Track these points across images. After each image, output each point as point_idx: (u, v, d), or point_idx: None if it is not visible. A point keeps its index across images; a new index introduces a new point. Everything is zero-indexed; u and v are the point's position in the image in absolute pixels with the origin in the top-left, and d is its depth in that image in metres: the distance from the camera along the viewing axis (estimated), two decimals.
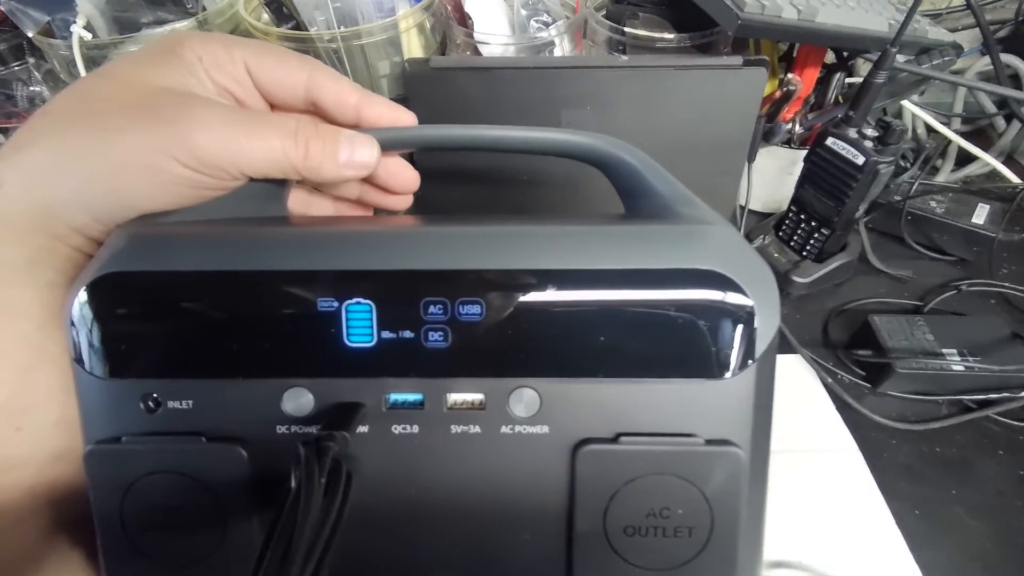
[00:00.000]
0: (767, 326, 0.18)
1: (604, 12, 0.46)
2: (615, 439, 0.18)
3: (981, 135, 0.58)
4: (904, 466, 0.36)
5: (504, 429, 0.18)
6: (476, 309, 0.18)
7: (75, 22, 0.40)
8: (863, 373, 0.41)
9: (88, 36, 0.41)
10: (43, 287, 0.19)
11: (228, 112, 0.20)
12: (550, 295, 0.18)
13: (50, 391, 0.19)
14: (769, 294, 0.18)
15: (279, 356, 0.18)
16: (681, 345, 0.18)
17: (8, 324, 0.18)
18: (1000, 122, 0.55)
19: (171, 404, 0.18)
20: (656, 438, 0.18)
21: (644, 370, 0.18)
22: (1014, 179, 0.48)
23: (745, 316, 0.18)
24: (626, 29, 0.44)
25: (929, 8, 0.57)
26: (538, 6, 0.48)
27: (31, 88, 0.48)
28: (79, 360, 0.18)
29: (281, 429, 0.18)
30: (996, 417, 0.37)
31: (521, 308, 0.18)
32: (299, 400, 0.18)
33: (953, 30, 0.57)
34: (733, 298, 0.17)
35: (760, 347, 0.18)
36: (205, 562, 0.19)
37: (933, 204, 0.49)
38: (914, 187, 0.49)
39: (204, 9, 0.45)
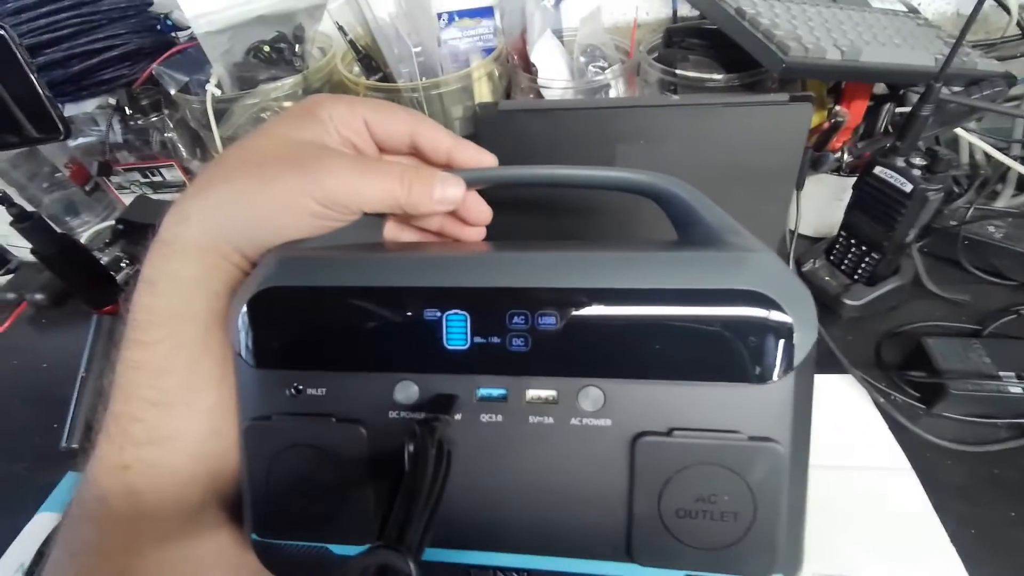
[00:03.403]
0: (805, 339, 0.21)
1: (656, 55, 0.50)
2: (669, 433, 0.21)
3: None
4: (960, 487, 0.37)
5: (573, 421, 0.22)
6: (552, 320, 0.22)
7: (208, 81, 0.48)
8: (917, 395, 0.41)
9: (218, 92, 0.49)
10: (211, 296, 0.24)
11: (351, 161, 0.25)
12: (614, 309, 0.21)
13: (210, 380, 0.24)
14: (806, 312, 0.21)
15: (393, 354, 0.23)
16: (727, 354, 0.21)
17: (184, 325, 0.23)
18: None
19: (310, 391, 0.23)
20: (705, 433, 0.21)
21: (695, 374, 0.21)
22: None
23: (785, 331, 0.20)
24: (677, 71, 0.47)
25: (983, 38, 0.57)
26: (595, 52, 0.52)
27: (165, 135, 0.57)
28: (241, 355, 0.23)
29: (392, 414, 0.23)
30: None
31: (590, 320, 0.21)
32: (408, 391, 0.23)
33: (1011, 57, 0.58)
34: (774, 315, 0.20)
35: (798, 358, 0.21)
36: (328, 518, 0.23)
37: (991, 229, 0.49)
38: (970, 212, 0.49)
39: (307, 66, 0.53)
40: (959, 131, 0.52)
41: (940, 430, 0.39)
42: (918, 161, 0.42)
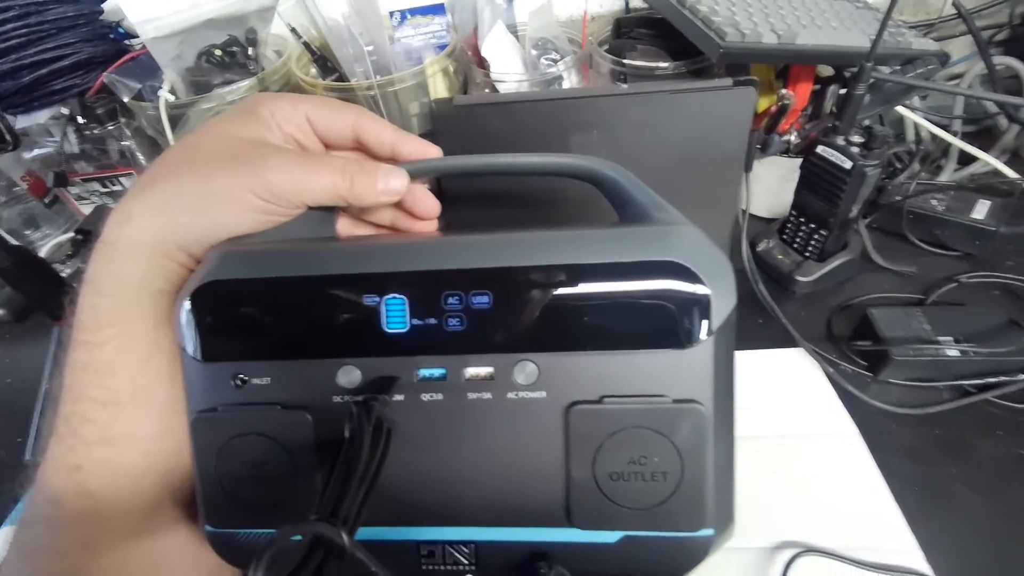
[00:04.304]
0: (723, 306, 0.22)
1: (607, 47, 0.51)
2: (600, 400, 0.22)
3: (987, 134, 0.59)
4: (905, 448, 0.38)
5: (510, 395, 0.23)
6: (485, 299, 0.22)
7: (162, 88, 0.48)
8: (864, 363, 0.43)
9: (172, 98, 0.49)
10: (157, 294, 0.24)
11: (292, 156, 0.26)
12: (545, 285, 0.22)
13: (161, 377, 0.24)
14: (724, 280, 0.22)
15: (335, 341, 0.23)
16: (650, 322, 0.22)
17: (131, 324, 0.24)
18: (1004, 121, 0.57)
19: (254, 381, 0.24)
20: (633, 398, 0.22)
21: (622, 343, 0.22)
22: (1013, 175, 0.49)
23: (703, 298, 0.22)
24: (626, 61, 0.49)
25: (922, 19, 0.59)
26: (547, 45, 0.53)
27: (122, 143, 0.57)
28: (186, 349, 0.24)
29: (337, 398, 0.23)
30: (995, 400, 0.39)
31: (522, 296, 0.22)
32: (350, 375, 0.23)
33: (949, 37, 0.60)
34: (692, 284, 0.22)
35: (717, 323, 0.22)
36: (279, 504, 0.24)
37: (934, 202, 0.51)
38: (912, 187, 0.51)
39: (263, 69, 0.53)
40: (901, 109, 0.54)
41: (886, 396, 0.41)
42: (856, 139, 0.43)
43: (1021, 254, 0.49)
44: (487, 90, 0.54)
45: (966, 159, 0.56)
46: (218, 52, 0.52)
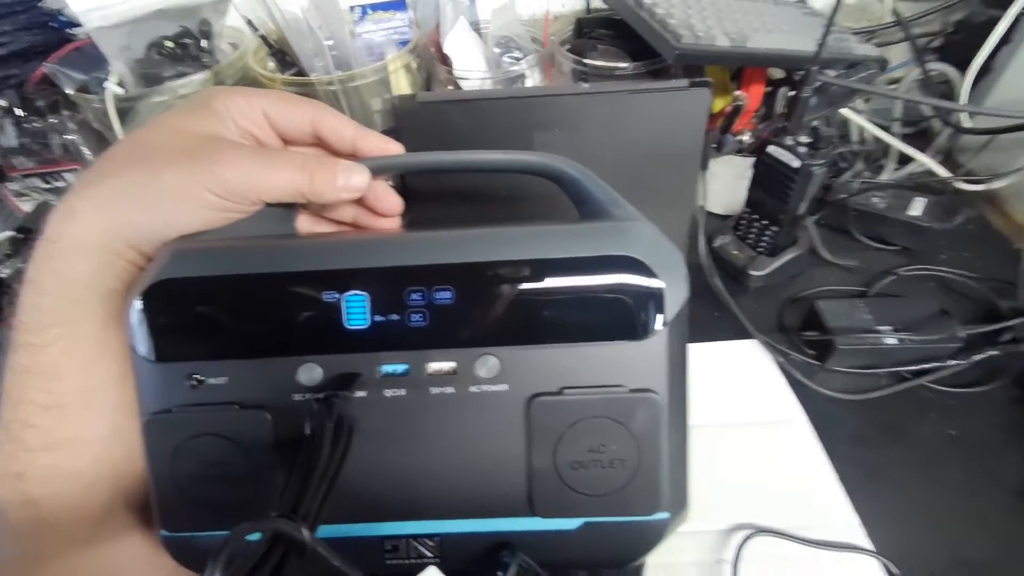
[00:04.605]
0: (675, 299, 0.23)
1: (568, 46, 0.52)
2: (560, 392, 0.23)
3: (923, 136, 0.63)
4: (848, 433, 0.41)
5: (472, 388, 0.23)
6: (448, 295, 0.23)
7: (108, 80, 0.46)
8: (812, 352, 0.45)
9: (120, 91, 0.47)
10: (105, 294, 0.23)
11: (249, 151, 0.25)
12: (506, 280, 0.22)
13: (111, 379, 0.23)
14: (677, 274, 0.23)
15: (294, 339, 0.23)
16: (607, 315, 0.23)
17: (77, 325, 0.23)
18: (938, 123, 0.61)
19: (211, 381, 0.23)
20: (591, 389, 0.23)
21: (581, 336, 0.23)
22: (945, 175, 0.53)
23: (656, 291, 0.22)
24: (587, 60, 0.50)
25: (865, 26, 0.62)
26: (510, 44, 0.54)
27: (65, 137, 0.54)
28: (138, 349, 0.23)
29: (297, 396, 0.23)
30: (929, 385, 0.42)
31: (484, 291, 0.23)
32: (311, 373, 0.23)
33: (889, 44, 0.63)
34: (646, 278, 0.22)
35: (670, 314, 0.23)
36: (239, 505, 0.23)
37: (876, 200, 0.54)
38: (856, 185, 0.54)
39: (218, 62, 0.52)
40: (845, 111, 0.57)
41: (831, 383, 0.43)
42: (804, 139, 0.45)
43: (952, 248, 0.53)
44: (450, 87, 0.54)
45: (905, 159, 0.59)
46: (169, 44, 0.50)
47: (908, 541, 0.35)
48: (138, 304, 0.23)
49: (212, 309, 0.23)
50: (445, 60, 0.53)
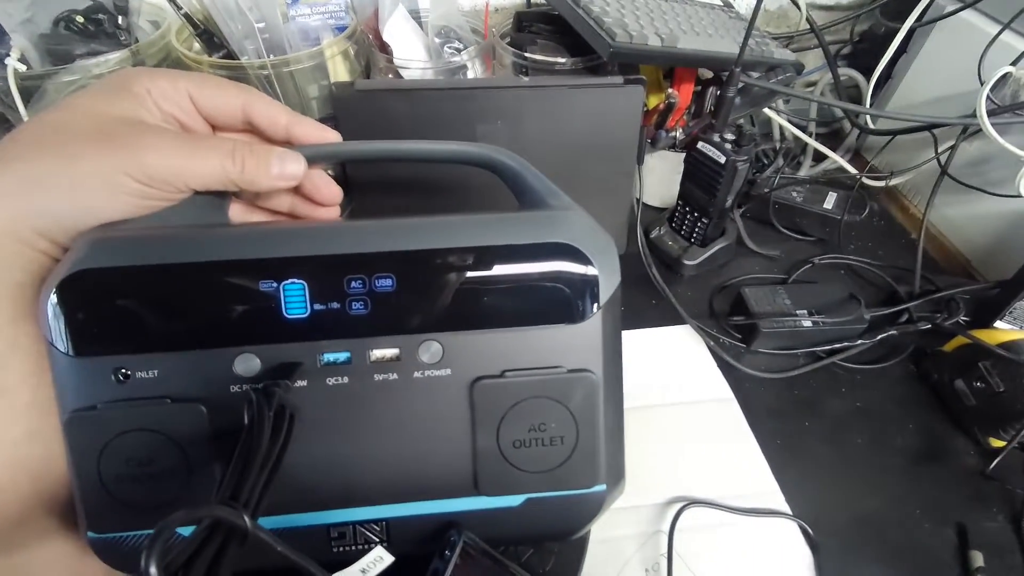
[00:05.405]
0: (608, 283, 0.24)
1: (508, 39, 0.53)
2: (501, 375, 0.24)
3: (836, 136, 0.69)
4: (770, 408, 0.44)
5: (416, 374, 0.24)
6: (389, 283, 0.23)
7: (9, 56, 0.42)
8: (739, 336, 0.49)
9: (23, 68, 0.43)
10: (13, 287, 0.22)
11: (172, 136, 0.24)
12: (447, 267, 0.23)
13: (23, 378, 0.22)
14: (610, 259, 0.24)
15: (230, 329, 0.23)
16: (545, 300, 0.24)
17: None
18: (847, 124, 0.66)
19: (139, 375, 0.22)
20: (531, 371, 0.24)
21: (520, 320, 0.24)
22: (853, 171, 0.58)
23: (591, 276, 0.24)
24: (527, 54, 0.50)
25: (784, 31, 0.67)
26: (450, 34, 0.54)
27: None
28: (55, 345, 0.22)
29: (234, 388, 0.23)
30: (839, 363, 0.46)
31: (425, 278, 0.23)
32: (248, 364, 0.23)
33: (805, 49, 0.68)
34: (581, 264, 0.24)
35: (604, 298, 0.24)
36: (172, 502, 0.23)
37: (794, 194, 0.58)
38: (777, 180, 0.58)
39: (137, 40, 0.48)
40: (768, 111, 0.61)
41: (756, 363, 0.46)
42: (729, 137, 0.48)
43: (860, 239, 0.58)
44: (390, 75, 0.53)
45: (820, 157, 0.64)
46: (80, 19, 0.46)
47: (819, 503, 0.38)
48: (53, 297, 0.21)
49: (136, 301, 0.22)
50: (384, 48, 0.53)
